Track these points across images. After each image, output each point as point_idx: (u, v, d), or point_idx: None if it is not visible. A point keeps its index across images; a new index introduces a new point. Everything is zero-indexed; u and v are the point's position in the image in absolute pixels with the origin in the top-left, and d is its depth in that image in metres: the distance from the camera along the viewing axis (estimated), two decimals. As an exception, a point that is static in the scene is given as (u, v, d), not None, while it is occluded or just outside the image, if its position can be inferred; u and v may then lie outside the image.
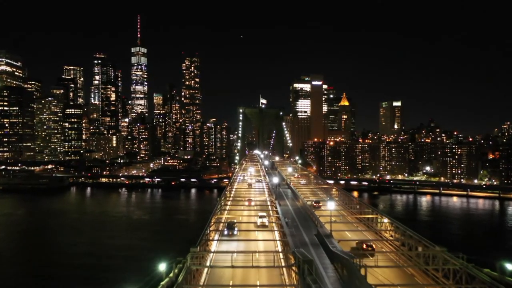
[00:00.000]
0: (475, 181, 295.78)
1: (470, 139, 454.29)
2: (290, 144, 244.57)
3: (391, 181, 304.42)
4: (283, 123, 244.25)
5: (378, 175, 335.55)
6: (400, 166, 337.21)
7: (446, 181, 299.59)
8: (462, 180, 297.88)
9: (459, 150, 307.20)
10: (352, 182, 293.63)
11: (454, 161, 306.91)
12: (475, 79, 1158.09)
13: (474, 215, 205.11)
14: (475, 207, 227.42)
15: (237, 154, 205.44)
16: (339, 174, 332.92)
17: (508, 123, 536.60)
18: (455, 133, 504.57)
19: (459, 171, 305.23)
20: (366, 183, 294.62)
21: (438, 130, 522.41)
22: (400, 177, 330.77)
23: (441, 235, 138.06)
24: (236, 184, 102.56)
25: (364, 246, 44.00)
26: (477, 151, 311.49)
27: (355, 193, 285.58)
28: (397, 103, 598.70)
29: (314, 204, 73.55)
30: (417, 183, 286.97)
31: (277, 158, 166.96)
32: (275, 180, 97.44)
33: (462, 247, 37.68)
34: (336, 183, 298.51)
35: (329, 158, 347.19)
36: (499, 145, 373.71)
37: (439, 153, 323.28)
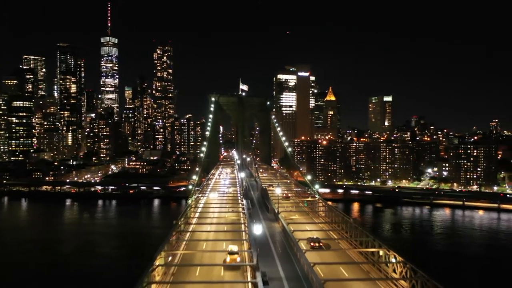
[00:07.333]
0: (495, 188, 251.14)
1: (475, 138, 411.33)
2: (290, 150, 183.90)
3: (402, 190, 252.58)
4: (272, 117, 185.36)
5: (379, 179, 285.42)
6: (404, 170, 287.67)
7: (464, 188, 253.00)
8: (478, 186, 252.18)
9: (475, 151, 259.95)
10: (353, 191, 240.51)
11: (469, 164, 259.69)
12: (450, 76, 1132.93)
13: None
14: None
15: (198, 168, 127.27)
16: (334, 180, 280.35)
17: (496, 120, 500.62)
18: (445, 130, 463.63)
19: (475, 176, 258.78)
20: (370, 192, 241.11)
21: (432, 127, 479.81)
22: (404, 182, 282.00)
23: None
24: None
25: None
26: (496, 152, 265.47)
27: (356, 205, 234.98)
28: (388, 98, 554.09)
29: None
30: (437, 192, 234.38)
31: (276, 187, 73.26)
32: None
33: None
34: (333, 192, 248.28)
35: (322, 160, 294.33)
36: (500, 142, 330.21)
37: (451, 154, 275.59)
